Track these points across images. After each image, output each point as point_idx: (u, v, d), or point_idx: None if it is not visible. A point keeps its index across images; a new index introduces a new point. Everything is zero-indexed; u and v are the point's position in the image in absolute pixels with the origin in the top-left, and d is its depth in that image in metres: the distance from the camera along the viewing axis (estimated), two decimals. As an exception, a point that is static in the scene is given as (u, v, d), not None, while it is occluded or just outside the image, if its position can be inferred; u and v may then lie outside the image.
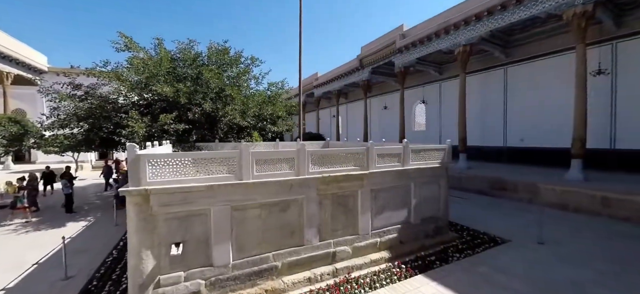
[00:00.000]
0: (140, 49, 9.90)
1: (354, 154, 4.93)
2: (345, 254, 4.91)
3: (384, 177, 5.26)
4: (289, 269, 4.43)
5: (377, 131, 26.50)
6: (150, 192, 3.50)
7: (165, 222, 3.66)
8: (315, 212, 4.62)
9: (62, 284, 4.51)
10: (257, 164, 4.10)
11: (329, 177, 4.61)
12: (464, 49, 12.16)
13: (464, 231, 6.67)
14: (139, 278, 3.53)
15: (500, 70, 14.56)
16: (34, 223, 7.76)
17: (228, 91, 9.74)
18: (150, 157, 3.53)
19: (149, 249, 3.58)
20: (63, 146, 8.85)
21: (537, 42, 12.92)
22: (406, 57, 16.01)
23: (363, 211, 5.08)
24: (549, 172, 10.49)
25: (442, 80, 18.34)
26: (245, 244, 4.15)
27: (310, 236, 4.60)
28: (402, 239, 5.58)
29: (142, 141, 7.76)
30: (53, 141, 9.13)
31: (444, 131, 18.36)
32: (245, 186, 4.01)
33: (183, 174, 3.69)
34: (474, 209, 8.50)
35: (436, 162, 6.01)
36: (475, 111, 15.61)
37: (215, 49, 11.23)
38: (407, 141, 5.60)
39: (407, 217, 5.70)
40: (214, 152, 3.90)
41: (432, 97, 19.21)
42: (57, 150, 9.00)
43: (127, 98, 9.36)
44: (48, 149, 9.54)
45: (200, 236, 3.87)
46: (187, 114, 9.03)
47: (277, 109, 11.61)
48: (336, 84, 24.95)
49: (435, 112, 19.10)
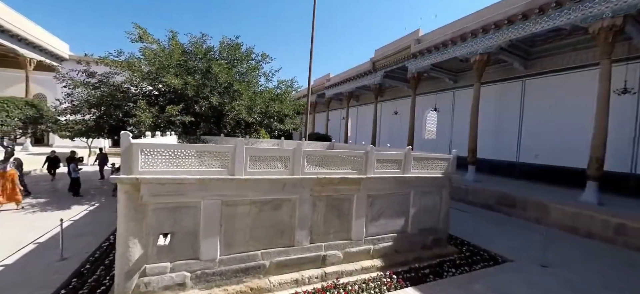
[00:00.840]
0: (153, 40, 10.12)
1: (352, 157, 4.82)
2: (336, 258, 4.81)
3: (382, 183, 5.12)
4: (277, 269, 4.38)
5: (386, 136, 26.15)
6: (141, 181, 3.51)
7: (154, 212, 3.68)
8: (307, 214, 4.54)
9: (58, 265, 4.63)
10: (250, 161, 4.07)
11: (324, 179, 4.53)
12: (481, 58, 11.78)
13: (464, 245, 6.42)
14: (125, 265, 3.56)
15: (518, 83, 14.02)
16: (41, 204, 8.04)
17: (236, 86, 9.80)
18: (143, 146, 3.55)
19: (137, 237, 3.60)
20: (74, 131, 9.15)
21: (559, 55, 12.35)
22: (420, 62, 15.69)
23: (358, 216, 4.96)
24: (562, 193, 9.99)
25: (456, 88, 17.88)
26: (234, 240, 4.12)
27: (301, 237, 4.52)
28: (397, 249, 5.42)
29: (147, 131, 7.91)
30: (65, 125, 9.45)
31: (454, 141, 17.87)
32: (237, 182, 3.98)
33: (176, 165, 3.69)
34: (477, 224, 8.19)
35: (439, 172, 5.81)
36: (488, 123, 15.12)
37: (227, 44, 11.35)
38: (409, 148, 5.44)
39: (404, 226, 5.53)
40: (207, 146, 3.89)
41: (445, 105, 18.75)
42: (69, 135, 9.31)
43: (137, 88, 9.58)
44: (62, 134, 9.89)
45: (189, 228, 3.86)
46: (194, 107, 9.15)
47: (284, 107, 11.60)
48: (347, 85, 24.79)
49: (446, 121, 18.64)
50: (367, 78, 21.54)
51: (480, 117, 12.75)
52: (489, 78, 14.99)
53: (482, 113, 14.78)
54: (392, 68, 18.59)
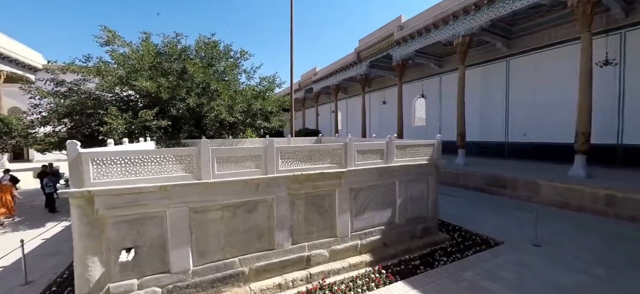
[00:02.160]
0: (125, 43, 9.60)
1: (330, 150, 4.56)
2: (322, 258, 4.57)
3: (365, 175, 4.88)
4: (258, 275, 4.11)
5: (376, 126, 26.02)
6: (94, 194, 3.18)
7: (114, 226, 3.36)
8: (286, 214, 4.27)
9: (21, 290, 4.27)
10: (218, 162, 3.76)
11: (301, 176, 4.26)
12: (463, 40, 11.62)
13: (456, 231, 6.27)
14: (85, 286, 3.24)
15: (502, 63, 13.95)
16: (12, 224, 7.57)
17: (214, 86, 9.40)
18: (94, 155, 3.21)
19: (96, 255, 3.28)
20: (44, 144, 8.64)
21: (540, 32, 12.29)
22: (404, 49, 15.48)
23: (341, 211, 4.72)
24: (552, 169, 9.98)
25: (442, 73, 17.77)
26: (207, 248, 3.83)
27: (281, 239, 4.26)
28: (386, 242, 5.21)
29: (121, 138, 7.48)
30: (35, 139, 8.93)
31: (444, 126, 17.84)
32: (204, 186, 3.67)
33: (133, 174, 3.36)
34: (469, 208, 8.08)
35: (424, 158, 5.61)
36: (475, 105, 15.07)
37: (204, 42, 10.89)
38: (390, 136, 5.20)
39: (392, 217, 5.32)
40: (168, 150, 3.57)
41: (432, 91, 18.64)
42: (39, 148, 8.80)
43: (111, 94, 9.09)
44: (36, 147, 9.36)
45: (155, 240, 3.56)
46: (171, 110, 8.73)
47: (266, 104, 11.23)
48: (334, 79, 24.48)
49: (435, 107, 18.56)
50: (353, 69, 21.27)
51: (467, 101, 12.64)
52: (474, 60, 14.90)
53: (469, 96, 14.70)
54: (377, 57, 18.34)
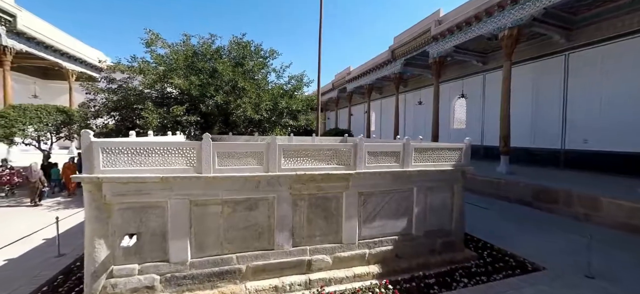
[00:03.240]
0: (164, 44, 10.38)
1: (337, 150, 4.28)
2: (324, 264, 4.32)
3: (376, 179, 4.50)
4: (255, 275, 4.02)
5: (411, 128, 24.73)
6: (102, 180, 3.37)
7: (119, 212, 3.53)
8: (287, 214, 4.11)
9: (53, 261, 4.78)
10: (219, 157, 3.75)
11: (304, 176, 4.06)
12: (510, 33, 10.30)
13: (486, 249, 5.51)
14: (92, 265, 3.46)
15: (559, 58, 12.09)
16: (66, 202, 8.66)
17: (240, 84, 9.68)
18: (104, 144, 3.40)
19: (103, 238, 3.48)
20: (98, 134, 9.74)
21: (610, 20, 10.32)
22: (442, 45, 14.34)
23: (348, 216, 4.41)
24: (619, 183, 8.34)
25: (486, 71, 16.12)
26: (206, 242, 3.85)
27: (281, 239, 4.12)
28: (398, 254, 4.76)
29: (155, 131, 8.07)
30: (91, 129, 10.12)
31: (487, 129, 16.18)
32: (205, 180, 3.69)
33: (138, 164, 3.49)
34: (507, 223, 7.09)
35: (448, 164, 5.01)
36: (525, 107, 13.36)
37: (236, 42, 11.31)
38: (408, 138, 4.73)
39: (407, 228, 4.85)
40: (171, 142, 3.65)
41: (474, 90, 17.01)
42: (93, 137, 9.94)
43: (151, 90, 9.91)
44: None
45: (157, 229, 3.66)
46: (200, 106, 9.19)
47: (292, 103, 11.26)
48: (367, 78, 23.82)
49: (477, 108, 16.93)
50: (387, 68, 20.42)
51: (515, 102, 11.26)
52: (524, 56, 13.22)
53: (518, 96, 13.15)
54: (412, 55, 17.32)
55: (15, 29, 12.16)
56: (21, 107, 9.15)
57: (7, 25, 11.79)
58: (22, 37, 12.82)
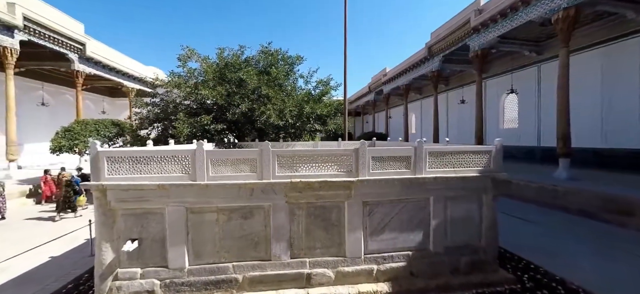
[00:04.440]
0: (198, 59, 11.15)
1: (337, 156, 3.96)
2: (325, 278, 4.00)
3: (384, 187, 4.05)
4: (251, 285, 3.88)
5: (454, 129, 22.80)
6: (106, 187, 3.58)
7: (123, 217, 3.71)
8: (284, 224, 3.91)
9: (87, 259, 5.28)
10: (212, 165, 3.73)
11: (300, 183, 3.82)
12: (566, 15, 8.73)
13: (529, 271, 4.58)
14: (100, 267, 3.69)
15: (636, 39, 9.89)
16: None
17: (264, 91, 9.86)
18: (108, 153, 3.62)
19: (109, 242, 3.69)
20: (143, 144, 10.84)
21: None
22: (484, 37, 12.90)
23: (351, 228, 4.04)
24: None
25: (540, 62, 14.04)
26: (202, 250, 3.84)
27: (278, 250, 3.92)
28: (413, 271, 4.20)
29: (186, 140, 8.63)
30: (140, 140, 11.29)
31: (545, 128, 14.02)
32: (199, 188, 3.69)
33: (137, 171, 3.65)
34: (561, 240, 5.87)
35: (474, 170, 4.30)
36: (591, 100, 11.23)
37: (263, 51, 11.65)
38: (421, 140, 4.18)
39: (423, 242, 4.26)
40: (167, 150, 3.74)
41: (527, 85, 14.94)
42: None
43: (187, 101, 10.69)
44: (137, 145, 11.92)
45: (156, 235, 3.77)
46: (226, 114, 9.59)
47: (317, 107, 11.11)
48: (404, 78, 22.67)
49: (531, 104, 14.82)
50: (424, 66, 19.14)
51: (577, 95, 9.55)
52: (588, 41, 11.16)
53: (582, 89, 11.17)
54: (451, 50, 15.93)
55: (85, 55, 14.32)
56: (83, 122, 10.67)
57: (78, 52, 13.93)
58: (90, 62, 15.05)
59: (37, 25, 11.32)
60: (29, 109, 15.38)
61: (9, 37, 10.28)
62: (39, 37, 11.67)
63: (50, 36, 12.07)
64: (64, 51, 13.14)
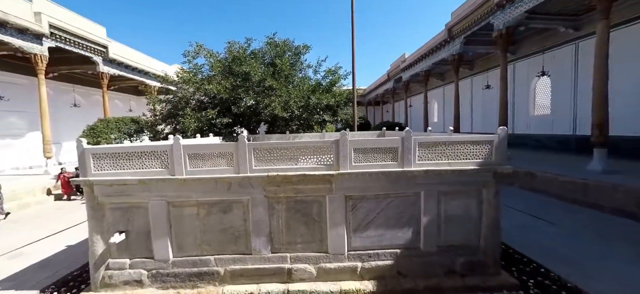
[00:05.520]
0: (209, 54, 11.32)
1: (316, 148, 3.77)
2: (306, 274, 3.89)
3: (368, 181, 3.81)
4: (233, 279, 3.89)
5: (479, 116, 21.37)
6: (93, 183, 3.73)
7: (110, 211, 3.86)
8: (263, 218, 3.84)
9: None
10: (190, 159, 3.73)
11: (278, 177, 3.71)
12: (604, -19, 7.59)
13: (538, 275, 4.11)
14: (93, 258, 3.89)
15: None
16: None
17: (268, 82, 9.79)
18: (94, 150, 3.76)
19: (99, 234, 3.87)
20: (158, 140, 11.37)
21: None
22: (510, 13, 11.67)
23: (334, 223, 3.86)
24: None
25: (579, 39, 12.48)
26: (185, 242, 3.90)
27: (258, 245, 3.87)
28: (401, 271, 3.95)
29: (193, 135, 8.86)
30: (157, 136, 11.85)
31: (581, 115, 12.55)
32: (177, 182, 3.72)
33: (120, 167, 3.75)
34: (583, 243, 5.20)
35: (472, 162, 3.89)
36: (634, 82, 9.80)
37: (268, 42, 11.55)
38: (409, 130, 3.84)
39: (413, 240, 3.98)
40: (146, 146, 3.79)
41: (562, 66, 13.41)
42: (155, 142, 11.68)
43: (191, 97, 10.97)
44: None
45: (142, 228, 3.88)
46: (231, 108, 9.69)
47: (323, 98, 10.84)
48: (423, 64, 21.49)
49: (566, 88, 13.31)
50: (445, 50, 17.92)
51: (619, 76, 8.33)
52: (636, 12, 9.65)
53: (625, 69, 9.78)
54: (473, 30, 14.66)
55: (108, 58, 15.24)
56: (106, 120, 11.41)
57: (102, 55, 14.87)
58: (113, 63, 16.01)
59: (62, 32, 12.19)
60: (64, 111, 16.79)
61: (38, 45, 11.19)
62: (65, 42, 12.58)
63: (75, 41, 12.97)
64: (89, 55, 14.07)
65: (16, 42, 10.70)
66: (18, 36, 10.75)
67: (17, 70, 13.99)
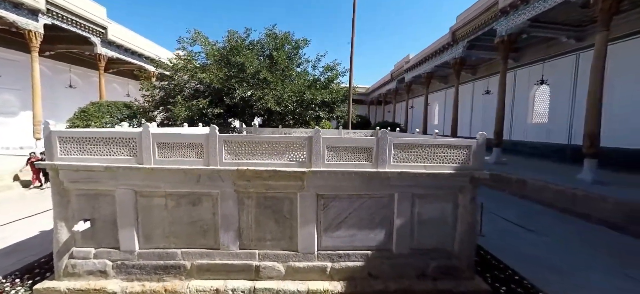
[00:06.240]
0: (206, 42, 11.18)
1: (289, 144, 3.67)
2: (275, 272, 3.80)
3: (340, 180, 3.70)
4: (199, 273, 3.80)
5: (479, 122, 21.19)
6: (59, 168, 3.64)
7: (76, 198, 3.77)
8: (232, 213, 3.74)
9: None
10: (159, 148, 3.63)
11: (248, 172, 3.61)
12: (605, -10, 7.40)
13: (510, 283, 4.01)
14: (57, 245, 3.80)
15: None
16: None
17: (263, 75, 9.67)
18: (60, 133, 3.66)
19: (64, 221, 3.77)
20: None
21: None
22: (513, 20, 11.50)
23: (304, 221, 3.77)
24: None
25: (580, 50, 12.29)
26: (152, 234, 3.81)
27: (227, 240, 3.78)
28: (372, 272, 3.87)
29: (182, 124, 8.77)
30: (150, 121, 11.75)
31: (578, 124, 12.39)
32: (145, 171, 3.62)
33: (87, 153, 3.65)
34: (566, 252, 5.09)
35: (448, 166, 3.78)
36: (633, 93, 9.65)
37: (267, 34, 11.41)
38: (384, 130, 3.73)
39: (385, 242, 3.89)
40: (115, 132, 3.69)
41: (562, 75, 13.25)
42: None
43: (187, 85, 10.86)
44: None
45: (108, 216, 3.79)
46: (224, 98, 9.59)
47: (317, 94, 10.72)
48: (426, 66, 21.31)
49: (564, 97, 13.16)
50: (447, 53, 17.75)
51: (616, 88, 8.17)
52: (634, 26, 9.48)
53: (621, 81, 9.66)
54: (476, 35, 14.50)
55: (107, 39, 15.09)
56: (98, 104, 11.30)
57: (101, 36, 14.71)
58: (112, 45, 15.84)
59: (59, 9, 12.02)
60: (59, 91, 16.68)
61: (33, 21, 11.02)
62: (62, 20, 12.42)
63: (72, 20, 12.80)
64: (87, 35, 13.93)
65: (10, 16, 10.49)
66: (13, 10, 10.51)
67: (11, 46, 13.74)
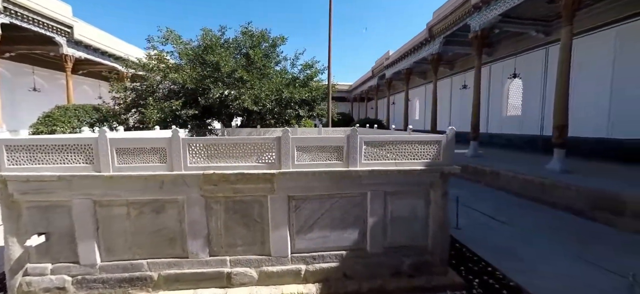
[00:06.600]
0: (178, 40, 10.74)
1: (256, 145, 3.56)
2: (247, 278, 3.70)
3: (311, 180, 3.64)
4: (167, 284, 3.64)
5: (457, 116, 21.77)
6: (6, 178, 3.36)
7: (27, 211, 3.50)
8: (200, 219, 3.60)
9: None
10: (118, 154, 3.42)
11: (214, 176, 3.47)
12: (568, -13, 7.74)
13: (483, 275, 4.12)
14: (9, 262, 3.52)
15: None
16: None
17: (239, 73, 9.42)
18: (7, 141, 3.37)
19: (15, 236, 3.50)
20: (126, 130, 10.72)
21: None
22: (485, 15, 11.83)
23: (276, 225, 3.68)
24: None
25: (549, 44, 12.84)
26: (114, 245, 3.61)
27: (195, 247, 3.64)
28: (347, 273, 3.84)
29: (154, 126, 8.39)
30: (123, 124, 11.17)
31: (548, 116, 12.98)
32: (103, 180, 3.40)
33: (38, 161, 3.39)
34: (534, 241, 5.31)
35: (419, 163, 3.81)
36: (603, 87, 10.20)
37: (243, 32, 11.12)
38: (355, 128, 3.70)
39: (359, 242, 3.87)
40: (69, 138, 3.44)
41: (533, 69, 13.81)
42: (117, 133, 11.03)
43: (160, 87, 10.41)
44: None
45: (64, 229, 3.55)
46: (199, 99, 9.27)
47: (295, 92, 10.58)
48: (405, 62, 21.62)
49: (535, 90, 13.75)
50: (425, 49, 18.06)
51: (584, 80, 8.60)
52: (600, 19, 10.01)
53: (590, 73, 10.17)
54: (452, 31, 14.84)
55: (73, 39, 14.24)
56: (63, 107, 10.63)
57: (66, 35, 13.86)
58: (80, 45, 14.98)
59: (18, 8, 11.21)
60: (24, 95, 15.63)
61: (-12, 20, 10.25)
62: (22, 19, 11.59)
63: (33, 19, 11.98)
64: (51, 34, 13.08)
65: (-38, 15, 9.73)
66: (-36, 9, 9.77)
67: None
